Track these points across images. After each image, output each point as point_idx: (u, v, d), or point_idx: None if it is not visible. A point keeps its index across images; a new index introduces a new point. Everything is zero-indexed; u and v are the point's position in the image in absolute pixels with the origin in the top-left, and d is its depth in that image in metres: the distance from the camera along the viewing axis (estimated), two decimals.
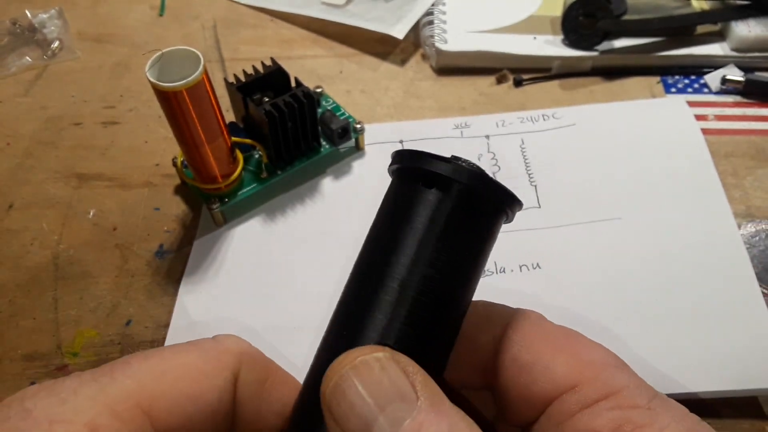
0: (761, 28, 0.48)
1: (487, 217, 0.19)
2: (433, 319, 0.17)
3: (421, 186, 0.18)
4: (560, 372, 0.18)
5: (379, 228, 0.19)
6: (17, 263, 0.40)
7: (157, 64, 0.33)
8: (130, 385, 0.16)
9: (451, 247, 0.18)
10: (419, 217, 0.18)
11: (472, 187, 0.18)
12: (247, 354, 0.19)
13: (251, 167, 0.41)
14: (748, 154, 0.43)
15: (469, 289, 0.19)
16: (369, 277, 0.18)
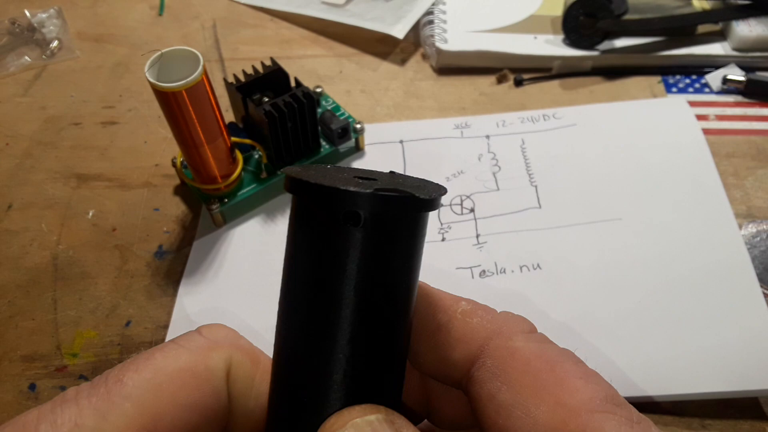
0: (762, 28, 0.48)
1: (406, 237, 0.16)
2: (385, 355, 0.16)
3: (339, 224, 0.15)
4: (542, 420, 0.16)
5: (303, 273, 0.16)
6: (16, 264, 0.40)
7: (156, 64, 0.33)
8: (131, 409, 0.16)
9: (385, 281, 0.16)
10: (345, 262, 0.15)
11: (382, 215, 0.15)
12: (236, 347, 0.19)
13: (251, 167, 0.41)
14: (749, 154, 0.43)
15: (411, 308, 0.18)
16: (309, 334, 0.16)
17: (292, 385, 0.16)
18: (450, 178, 0.43)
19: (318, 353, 0.16)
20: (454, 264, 0.38)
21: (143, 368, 0.17)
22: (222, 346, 0.18)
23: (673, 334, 0.34)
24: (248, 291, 0.37)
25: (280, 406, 0.17)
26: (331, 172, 0.17)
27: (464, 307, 0.19)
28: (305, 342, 0.16)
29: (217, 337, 0.18)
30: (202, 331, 0.19)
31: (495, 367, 0.17)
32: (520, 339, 0.18)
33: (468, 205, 0.41)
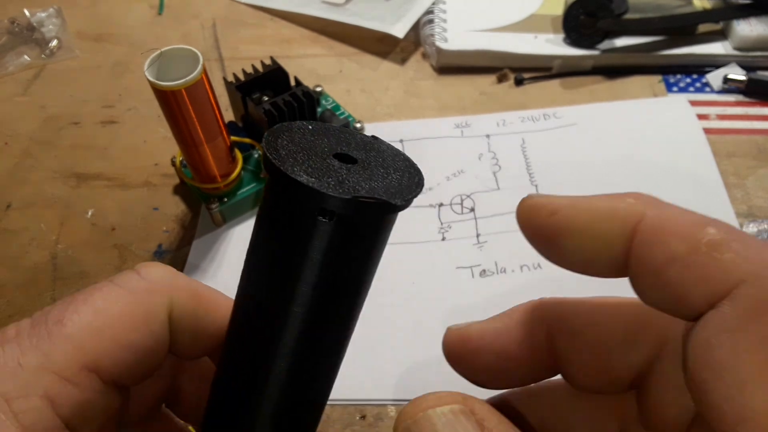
0: (763, 27, 0.48)
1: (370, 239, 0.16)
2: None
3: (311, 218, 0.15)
4: None
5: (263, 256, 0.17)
6: (15, 263, 0.39)
7: (156, 64, 0.33)
8: (72, 350, 0.16)
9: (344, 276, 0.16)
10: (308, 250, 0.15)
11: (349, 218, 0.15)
12: (176, 287, 0.19)
13: (250, 167, 0.41)
14: (750, 153, 0.43)
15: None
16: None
17: (242, 347, 0.18)
18: (450, 178, 0.43)
19: (268, 335, 0.17)
20: (454, 263, 0.38)
21: (83, 310, 0.17)
22: (161, 288, 0.19)
23: None
24: None
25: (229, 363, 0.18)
26: (311, 143, 0.16)
27: (712, 236, 0.14)
28: (258, 315, 0.17)
29: (156, 278, 0.19)
30: (141, 272, 0.19)
31: (737, 323, 0.12)
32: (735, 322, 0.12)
33: (468, 204, 0.41)
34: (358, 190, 0.15)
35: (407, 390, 0.33)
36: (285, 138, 0.16)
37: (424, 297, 0.37)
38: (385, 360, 0.34)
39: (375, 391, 0.33)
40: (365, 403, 0.33)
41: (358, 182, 0.15)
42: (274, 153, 0.15)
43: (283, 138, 0.16)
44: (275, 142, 0.16)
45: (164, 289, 0.19)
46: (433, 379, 0.34)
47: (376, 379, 0.34)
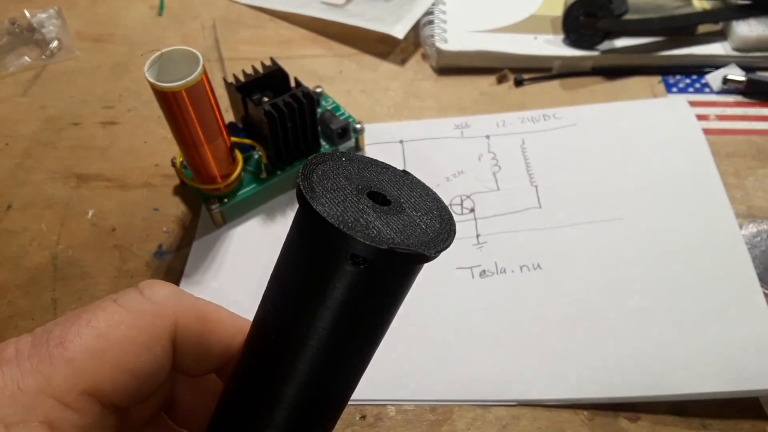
0: (762, 28, 0.48)
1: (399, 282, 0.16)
2: None
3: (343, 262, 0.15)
4: None
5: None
6: (16, 264, 0.39)
7: (156, 64, 0.33)
8: (73, 375, 0.16)
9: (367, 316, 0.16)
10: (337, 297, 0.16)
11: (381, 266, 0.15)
12: (181, 308, 0.19)
13: (251, 167, 0.41)
14: (750, 154, 0.43)
15: None
16: None
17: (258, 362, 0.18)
18: (450, 178, 0.43)
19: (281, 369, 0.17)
20: (454, 264, 0.38)
21: (85, 332, 0.17)
22: (165, 311, 0.18)
23: (673, 334, 0.34)
24: (248, 291, 0.37)
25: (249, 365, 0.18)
26: (343, 181, 0.16)
27: None
28: (274, 339, 0.17)
29: (160, 299, 0.18)
30: (145, 292, 0.18)
31: None
32: None
33: (468, 205, 0.41)
34: (393, 239, 0.15)
35: (407, 390, 0.33)
36: (320, 171, 0.16)
37: (424, 297, 0.37)
38: (385, 360, 0.34)
39: (375, 391, 0.33)
40: (365, 403, 0.33)
41: (392, 229, 0.15)
42: (309, 191, 0.15)
43: (318, 171, 0.16)
44: (311, 177, 0.16)
45: (168, 311, 0.18)
46: (433, 379, 0.34)
47: (376, 379, 0.34)
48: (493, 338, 0.35)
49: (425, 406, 0.33)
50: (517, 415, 0.32)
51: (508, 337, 0.35)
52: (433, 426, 0.32)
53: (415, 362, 0.34)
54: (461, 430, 0.32)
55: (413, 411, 0.33)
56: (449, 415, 0.32)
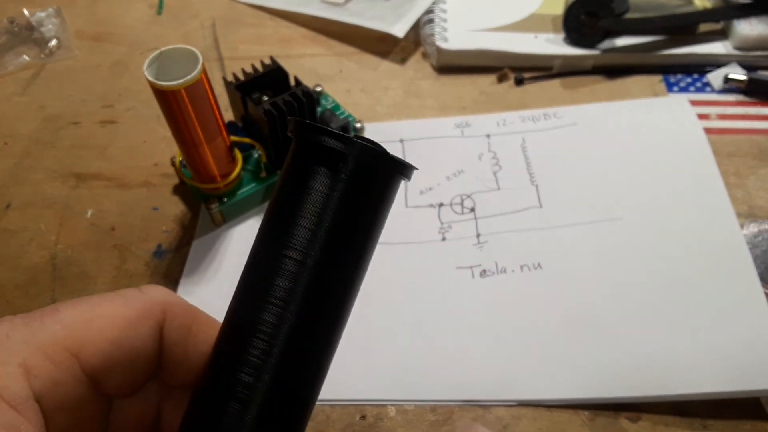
0: (764, 27, 0.48)
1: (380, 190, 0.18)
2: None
3: (314, 165, 0.17)
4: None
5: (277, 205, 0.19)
6: (15, 264, 0.39)
7: (155, 63, 0.33)
8: (60, 331, 0.17)
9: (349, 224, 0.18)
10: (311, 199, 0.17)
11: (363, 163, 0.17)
12: (172, 303, 0.20)
13: (250, 167, 0.41)
14: (751, 153, 0.43)
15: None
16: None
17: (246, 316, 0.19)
18: (450, 178, 0.43)
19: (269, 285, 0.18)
20: (454, 263, 0.38)
21: (80, 304, 0.18)
22: (158, 300, 0.20)
23: (673, 333, 0.34)
24: None
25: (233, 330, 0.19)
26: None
27: None
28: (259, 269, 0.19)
29: (155, 294, 0.20)
30: (142, 288, 0.20)
31: None
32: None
33: (468, 204, 0.41)
34: (369, 139, 0.17)
35: (407, 390, 0.33)
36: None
37: (424, 297, 0.37)
38: (385, 360, 0.34)
39: (375, 391, 0.33)
40: (365, 403, 0.33)
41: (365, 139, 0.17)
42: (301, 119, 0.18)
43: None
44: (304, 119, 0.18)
45: (160, 301, 0.20)
46: (433, 379, 0.34)
47: (376, 379, 0.33)
48: (494, 338, 0.35)
49: (425, 406, 0.33)
50: (517, 416, 0.32)
51: (509, 337, 0.35)
52: (433, 426, 0.32)
53: (415, 362, 0.34)
54: None
55: (413, 411, 0.33)
56: (449, 415, 0.32)
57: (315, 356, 0.18)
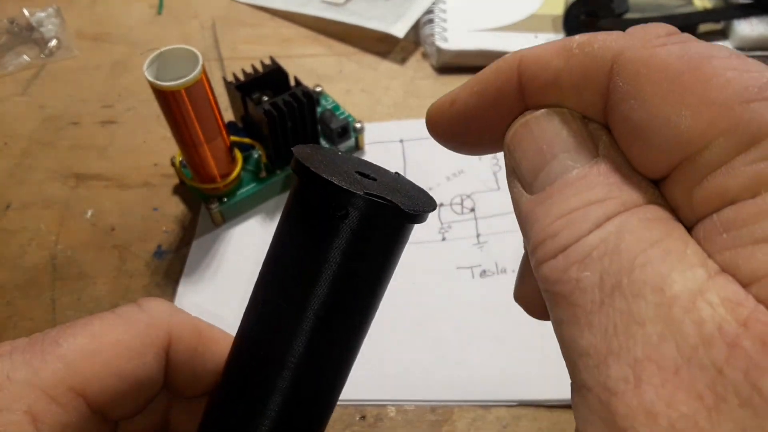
0: (764, 27, 0.48)
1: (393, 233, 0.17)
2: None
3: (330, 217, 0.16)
4: (686, 127, 0.13)
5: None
6: (15, 264, 0.39)
7: (155, 63, 0.33)
8: (63, 369, 0.16)
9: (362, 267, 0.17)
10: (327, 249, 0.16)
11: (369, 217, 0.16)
12: (176, 322, 0.19)
13: (250, 167, 0.41)
14: None
15: None
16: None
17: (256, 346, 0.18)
18: (450, 178, 0.43)
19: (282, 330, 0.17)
20: (454, 263, 0.38)
21: (80, 334, 0.17)
22: (160, 322, 0.19)
23: None
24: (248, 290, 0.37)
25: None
26: (337, 162, 0.17)
27: (580, 40, 0.15)
28: (273, 317, 0.17)
29: (156, 312, 0.19)
30: (142, 305, 0.19)
31: (626, 85, 0.14)
32: (656, 44, 0.14)
33: (468, 204, 0.41)
34: (374, 193, 0.15)
35: (407, 390, 0.33)
36: (311, 152, 0.17)
37: (424, 297, 0.37)
38: (385, 360, 0.34)
39: (375, 391, 0.33)
40: (365, 403, 0.33)
41: (375, 190, 0.16)
42: (302, 154, 0.16)
43: (310, 148, 0.17)
44: (303, 150, 0.17)
45: (163, 323, 0.19)
46: (433, 379, 0.34)
47: (376, 379, 0.33)
48: (494, 338, 0.35)
49: (425, 406, 0.33)
50: (517, 416, 0.32)
51: (509, 337, 0.35)
52: (433, 426, 0.32)
53: (415, 362, 0.34)
54: (461, 430, 0.32)
55: (413, 411, 0.33)
56: (449, 415, 0.32)
57: (320, 402, 0.18)
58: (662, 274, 0.12)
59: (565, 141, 0.15)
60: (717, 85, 0.13)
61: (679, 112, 0.13)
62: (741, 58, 0.13)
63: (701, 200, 0.13)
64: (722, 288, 0.11)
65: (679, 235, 0.13)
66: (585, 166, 0.14)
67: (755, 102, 0.12)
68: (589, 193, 0.14)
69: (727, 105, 0.13)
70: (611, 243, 0.13)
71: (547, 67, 0.15)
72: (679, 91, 0.13)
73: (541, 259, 0.14)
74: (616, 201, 0.13)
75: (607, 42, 0.14)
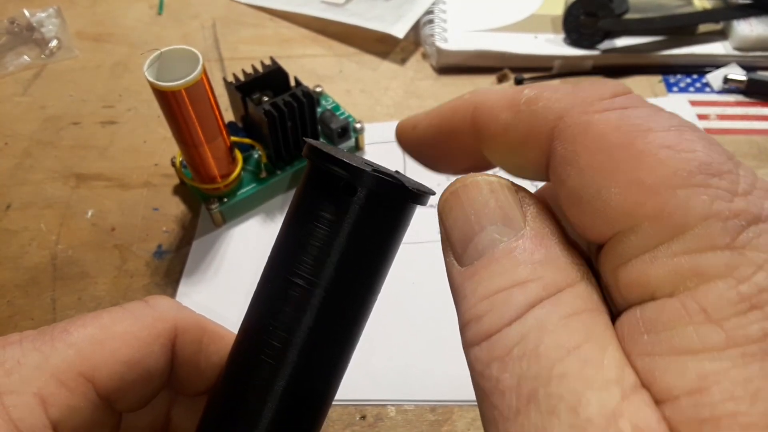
0: (763, 27, 0.48)
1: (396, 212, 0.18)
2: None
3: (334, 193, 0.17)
4: (614, 204, 0.13)
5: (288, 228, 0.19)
6: (16, 264, 0.39)
7: (155, 64, 0.33)
8: (72, 355, 0.17)
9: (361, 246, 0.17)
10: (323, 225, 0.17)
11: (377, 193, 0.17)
12: (182, 318, 0.20)
13: (250, 167, 0.41)
14: (750, 153, 0.43)
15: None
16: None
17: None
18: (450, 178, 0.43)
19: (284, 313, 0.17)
20: None
21: (90, 324, 0.18)
22: (167, 317, 0.19)
23: None
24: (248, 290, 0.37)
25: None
26: (345, 154, 0.18)
27: (528, 95, 0.15)
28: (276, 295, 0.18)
29: (163, 308, 0.19)
30: (149, 302, 0.20)
31: (564, 150, 0.14)
32: (597, 108, 0.14)
33: None
34: (382, 170, 0.17)
35: (407, 390, 0.33)
36: (323, 145, 0.18)
37: (424, 297, 0.37)
38: (385, 360, 0.34)
39: (375, 391, 0.33)
40: (365, 403, 0.33)
41: (379, 168, 0.17)
42: (312, 142, 0.17)
43: (322, 144, 0.18)
44: (313, 141, 0.18)
45: (170, 317, 0.19)
46: (433, 379, 0.34)
47: (376, 379, 0.34)
48: None
49: (425, 406, 0.33)
50: None
51: None
52: (433, 426, 0.32)
53: (415, 362, 0.34)
54: (461, 430, 0.32)
55: (413, 411, 0.33)
56: (449, 415, 0.32)
57: (322, 382, 0.18)
58: (577, 391, 0.12)
59: (492, 212, 0.15)
60: (648, 165, 0.13)
61: (609, 188, 0.13)
62: (681, 131, 0.13)
63: (626, 285, 0.13)
64: (635, 413, 0.11)
65: (599, 336, 0.13)
66: (511, 240, 0.14)
67: (683, 189, 0.12)
68: (513, 272, 0.14)
69: (654, 189, 0.13)
70: (531, 343, 0.13)
71: (497, 120, 0.16)
72: (611, 166, 0.13)
73: (467, 343, 0.14)
74: (539, 284, 0.13)
75: (551, 102, 0.15)
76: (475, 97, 0.16)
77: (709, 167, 0.12)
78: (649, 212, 0.13)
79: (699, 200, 0.12)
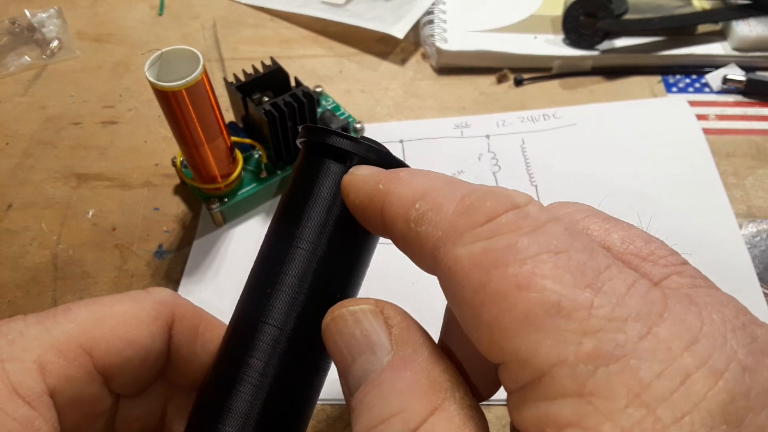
0: (762, 28, 0.48)
1: None
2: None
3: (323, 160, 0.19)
4: (484, 342, 0.14)
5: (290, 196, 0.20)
6: (16, 263, 0.40)
7: (156, 64, 0.33)
8: (73, 328, 0.18)
9: None
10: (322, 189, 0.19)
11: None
12: (180, 304, 0.21)
13: (251, 167, 0.41)
14: (749, 154, 0.43)
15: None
16: None
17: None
18: None
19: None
20: None
21: (91, 304, 0.19)
22: (166, 302, 0.20)
23: None
24: None
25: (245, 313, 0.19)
26: None
27: (415, 215, 0.16)
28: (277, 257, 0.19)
29: (163, 296, 0.20)
30: (149, 290, 0.21)
31: (444, 285, 0.15)
32: (465, 240, 0.14)
33: None
34: (370, 140, 0.19)
35: None
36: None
37: (424, 297, 0.37)
38: None
39: None
40: None
41: (367, 139, 0.19)
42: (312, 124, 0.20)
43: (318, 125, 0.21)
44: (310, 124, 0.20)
45: (168, 302, 0.20)
46: None
47: None
48: None
49: None
50: None
51: None
52: None
53: None
54: None
55: None
56: None
57: (320, 348, 0.18)
58: None
59: (359, 343, 0.16)
60: (503, 308, 0.13)
61: (479, 326, 0.14)
62: (536, 264, 0.13)
63: (511, 412, 0.14)
64: None
65: None
66: (377, 371, 0.15)
67: (534, 334, 0.12)
68: (382, 406, 0.15)
69: (510, 333, 0.13)
70: None
71: (396, 227, 0.17)
72: (474, 309, 0.14)
73: None
74: (401, 418, 0.14)
75: (430, 228, 0.15)
76: (385, 197, 0.17)
77: (558, 309, 0.12)
78: (508, 356, 0.13)
79: (546, 346, 0.12)
